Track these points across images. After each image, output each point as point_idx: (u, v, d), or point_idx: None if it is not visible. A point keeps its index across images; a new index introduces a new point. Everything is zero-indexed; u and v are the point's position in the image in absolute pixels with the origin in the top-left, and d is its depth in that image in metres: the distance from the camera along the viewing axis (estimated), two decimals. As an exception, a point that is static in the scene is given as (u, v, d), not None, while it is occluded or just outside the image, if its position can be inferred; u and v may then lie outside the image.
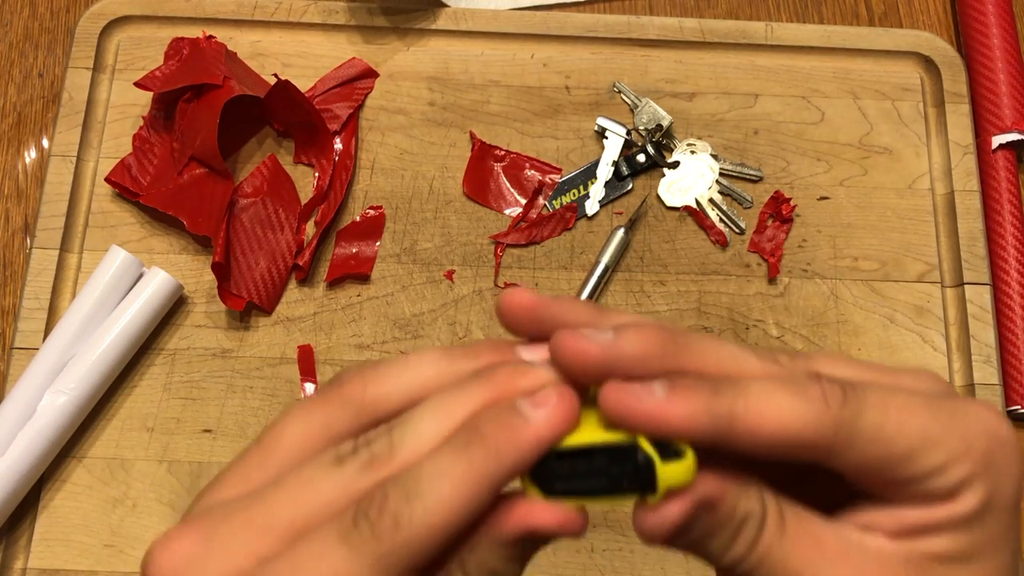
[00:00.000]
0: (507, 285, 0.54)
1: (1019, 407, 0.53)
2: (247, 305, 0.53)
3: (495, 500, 0.23)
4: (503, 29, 0.60)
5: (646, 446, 0.23)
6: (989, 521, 0.24)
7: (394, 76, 0.59)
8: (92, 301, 0.50)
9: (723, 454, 0.23)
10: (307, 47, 0.60)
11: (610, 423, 0.23)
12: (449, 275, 0.55)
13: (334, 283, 0.55)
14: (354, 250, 0.55)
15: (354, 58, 0.59)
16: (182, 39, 0.58)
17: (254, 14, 0.60)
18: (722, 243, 0.56)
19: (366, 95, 0.58)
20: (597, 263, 0.54)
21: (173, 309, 0.53)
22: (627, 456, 0.23)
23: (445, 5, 0.60)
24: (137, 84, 0.56)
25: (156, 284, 0.51)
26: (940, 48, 0.60)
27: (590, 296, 0.53)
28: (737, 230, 0.56)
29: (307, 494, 0.23)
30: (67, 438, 0.50)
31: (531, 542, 0.24)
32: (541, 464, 0.23)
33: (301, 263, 0.54)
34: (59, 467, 0.50)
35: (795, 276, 0.55)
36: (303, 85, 0.57)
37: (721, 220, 0.56)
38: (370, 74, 0.59)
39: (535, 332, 0.26)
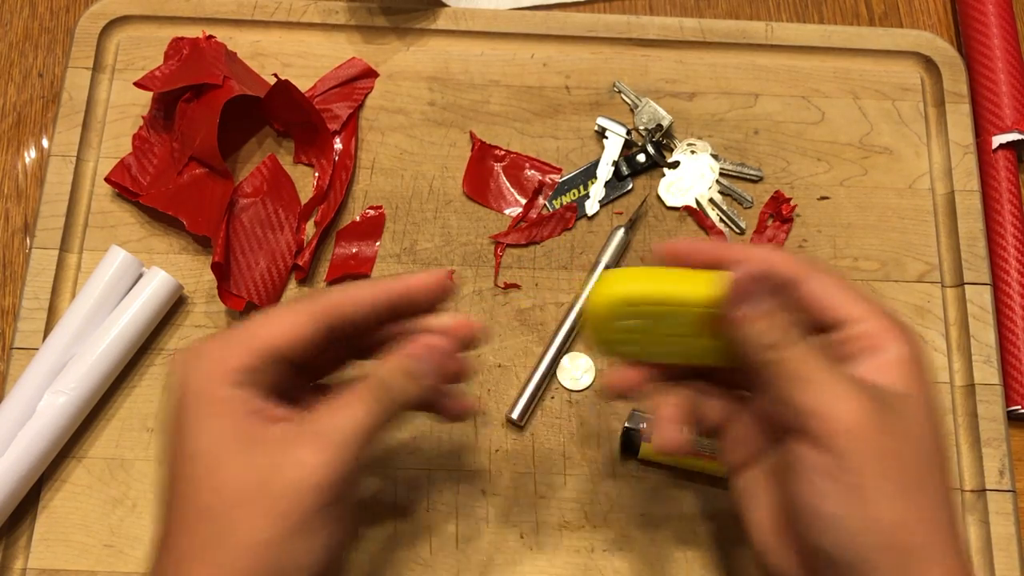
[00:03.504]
0: (507, 285, 0.54)
1: (1019, 407, 0.53)
2: (247, 305, 0.53)
3: None
4: (503, 29, 0.60)
5: None
6: (912, 371, 0.36)
7: (394, 76, 0.59)
8: (92, 301, 0.50)
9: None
10: (307, 47, 0.60)
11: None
12: (449, 275, 0.54)
13: (334, 283, 0.54)
14: (354, 250, 0.55)
15: (354, 58, 0.59)
16: (182, 39, 0.58)
17: (254, 14, 0.60)
18: (722, 243, 0.56)
19: (366, 95, 0.58)
20: (597, 263, 0.54)
21: (173, 309, 0.53)
22: None
23: (445, 5, 0.60)
24: (137, 84, 0.56)
25: (156, 284, 0.51)
26: (940, 48, 0.60)
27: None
28: (737, 230, 0.56)
29: None
30: (67, 438, 0.49)
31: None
32: None
33: (301, 263, 0.54)
34: (59, 467, 0.50)
35: (795, 276, 0.55)
36: (303, 85, 0.57)
37: (721, 220, 0.56)
38: (370, 74, 0.59)
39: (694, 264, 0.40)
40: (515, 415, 0.51)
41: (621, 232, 0.54)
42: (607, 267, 0.54)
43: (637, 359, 0.41)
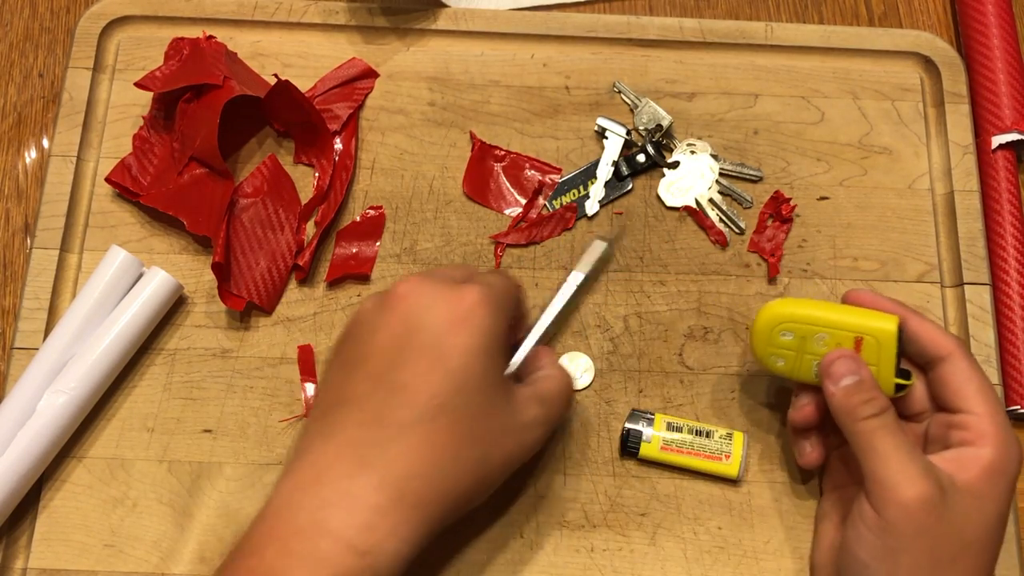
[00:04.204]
0: (507, 285, 0.54)
1: (1019, 407, 0.53)
2: (247, 305, 0.53)
3: None
4: (503, 29, 0.60)
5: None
6: (989, 475, 0.42)
7: (394, 76, 0.59)
8: (92, 301, 0.51)
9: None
10: (307, 47, 0.60)
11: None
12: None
13: (334, 283, 0.55)
14: (354, 250, 0.55)
15: (354, 58, 0.59)
16: (182, 39, 0.58)
17: (254, 14, 0.60)
18: (722, 243, 0.56)
19: (366, 95, 0.58)
20: (572, 274, 0.51)
21: (173, 309, 0.53)
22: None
23: (445, 5, 0.60)
24: (137, 84, 0.56)
25: (156, 284, 0.51)
26: (940, 48, 0.60)
27: (564, 308, 0.50)
28: (737, 230, 0.56)
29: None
30: (67, 438, 0.50)
31: None
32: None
33: (301, 263, 0.54)
34: (59, 467, 0.50)
35: (795, 276, 0.55)
36: (303, 85, 0.57)
37: (721, 220, 0.56)
38: (370, 74, 0.59)
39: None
40: (515, 415, 0.51)
41: (599, 243, 0.52)
42: (586, 278, 0.51)
43: (785, 375, 0.47)
